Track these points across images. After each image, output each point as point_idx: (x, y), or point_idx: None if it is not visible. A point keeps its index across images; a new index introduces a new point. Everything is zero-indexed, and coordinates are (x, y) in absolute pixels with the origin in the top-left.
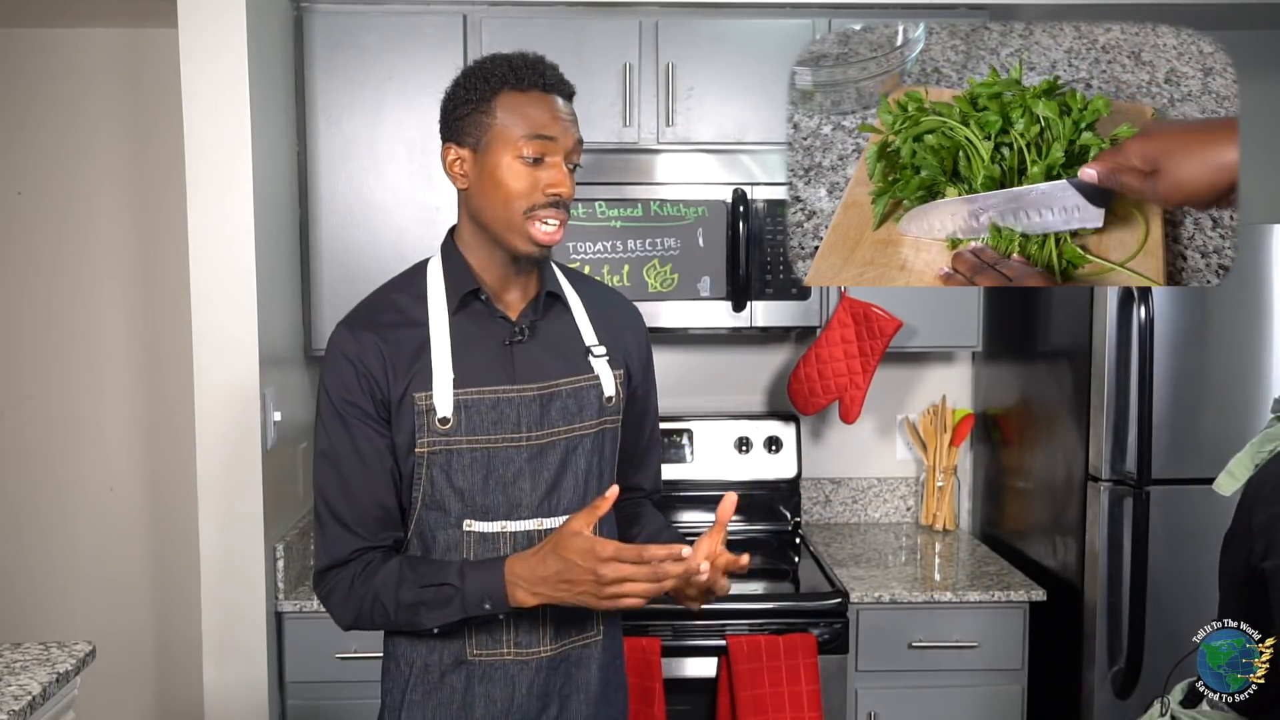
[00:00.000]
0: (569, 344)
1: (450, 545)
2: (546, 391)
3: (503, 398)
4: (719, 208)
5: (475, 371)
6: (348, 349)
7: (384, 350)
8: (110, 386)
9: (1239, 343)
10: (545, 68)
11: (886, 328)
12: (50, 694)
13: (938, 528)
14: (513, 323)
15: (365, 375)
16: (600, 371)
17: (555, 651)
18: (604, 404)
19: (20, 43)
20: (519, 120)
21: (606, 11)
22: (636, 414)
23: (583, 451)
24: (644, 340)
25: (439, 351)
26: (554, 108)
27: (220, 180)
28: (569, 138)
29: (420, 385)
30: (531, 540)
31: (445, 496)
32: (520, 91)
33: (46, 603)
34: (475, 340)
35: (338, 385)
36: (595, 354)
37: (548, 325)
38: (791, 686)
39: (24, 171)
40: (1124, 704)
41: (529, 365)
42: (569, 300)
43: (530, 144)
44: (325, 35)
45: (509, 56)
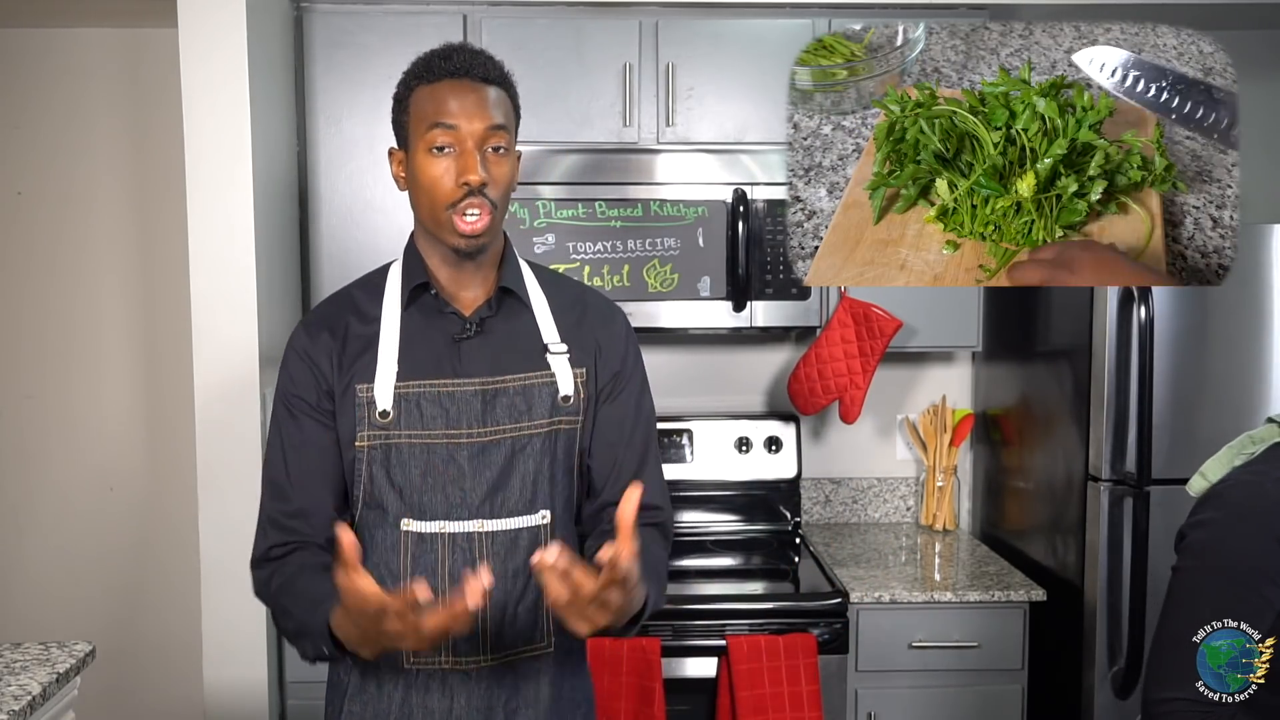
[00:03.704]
0: (524, 341)
1: (388, 546)
2: (491, 387)
3: (443, 391)
4: (719, 208)
5: (419, 366)
6: (300, 344)
7: (334, 346)
8: (110, 386)
9: (1239, 343)
10: (456, 53)
11: (886, 328)
12: (50, 694)
13: (938, 528)
14: (464, 318)
15: (313, 369)
16: (557, 369)
17: (497, 662)
18: (558, 403)
19: (20, 43)
20: (424, 112)
21: (606, 11)
22: (616, 416)
23: (531, 452)
24: (621, 339)
25: (385, 345)
26: (461, 94)
27: (220, 180)
28: (476, 122)
29: (363, 377)
30: (472, 543)
31: (384, 494)
32: (429, 84)
33: (46, 603)
34: (424, 335)
35: (285, 379)
36: (553, 351)
37: (503, 323)
38: (791, 686)
39: (24, 171)
40: (1124, 704)
41: (475, 360)
42: (529, 298)
43: (433, 134)
44: (325, 35)
45: (432, 50)
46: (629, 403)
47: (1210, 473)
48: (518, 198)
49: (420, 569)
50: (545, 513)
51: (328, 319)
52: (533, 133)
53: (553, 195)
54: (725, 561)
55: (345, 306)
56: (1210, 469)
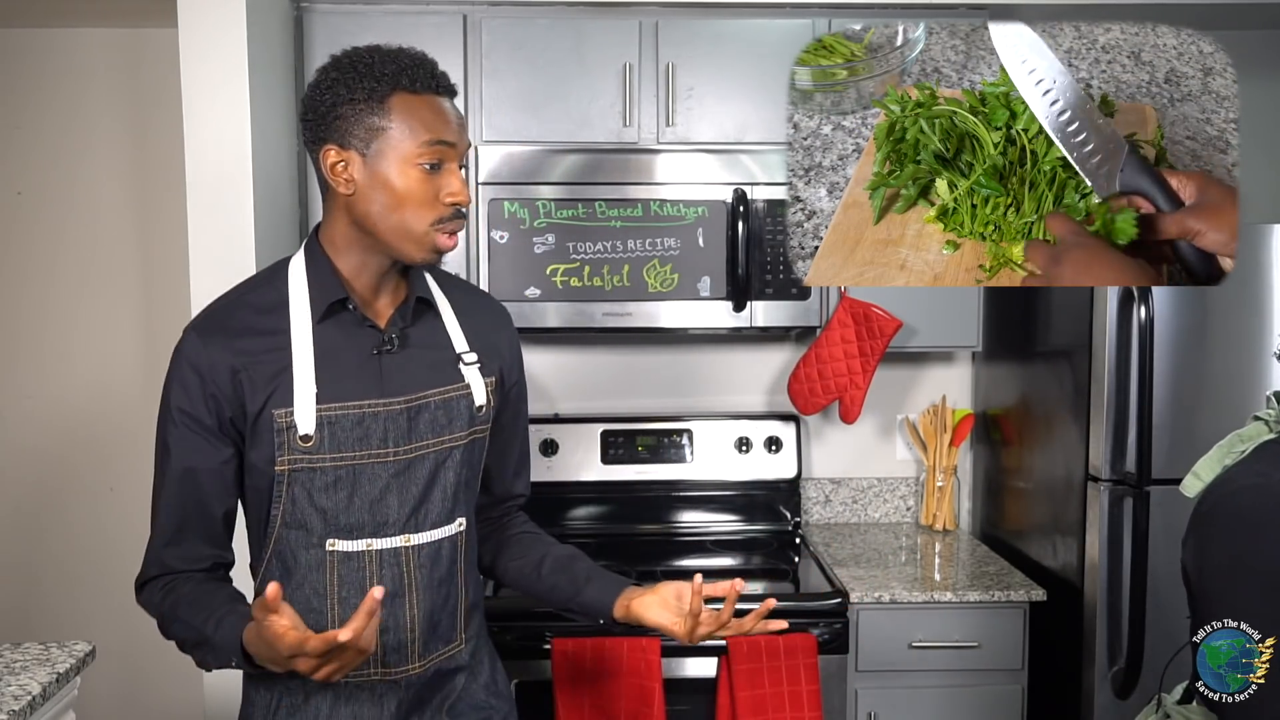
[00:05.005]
0: (439, 352)
1: (313, 565)
2: (415, 404)
3: (368, 412)
4: (719, 208)
5: (340, 386)
6: (196, 359)
7: (236, 363)
8: (110, 386)
9: (1239, 343)
10: (435, 68)
11: (886, 328)
12: (50, 694)
13: (938, 528)
14: (381, 331)
15: (211, 393)
16: (471, 380)
17: (424, 667)
18: (475, 413)
19: (20, 43)
20: (418, 125)
21: (606, 11)
22: (509, 419)
23: (452, 464)
24: (515, 343)
25: (301, 365)
26: (448, 111)
27: (220, 180)
28: (464, 142)
29: (280, 401)
30: (398, 557)
31: (307, 515)
32: (414, 94)
33: (46, 603)
34: (341, 352)
35: (179, 394)
36: (466, 361)
37: (417, 332)
38: (791, 686)
39: (24, 171)
40: (1124, 704)
41: (397, 377)
42: (439, 306)
43: (430, 150)
44: (325, 35)
45: (391, 53)
46: (521, 403)
47: (1204, 472)
48: (518, 197)
49: (348, 586)
50: (462, 520)
51: (225, 330)
52: (533, 133)
53: (552, 195)
54: (725, 562)
55: (246, 314)
56: (1203, 469)
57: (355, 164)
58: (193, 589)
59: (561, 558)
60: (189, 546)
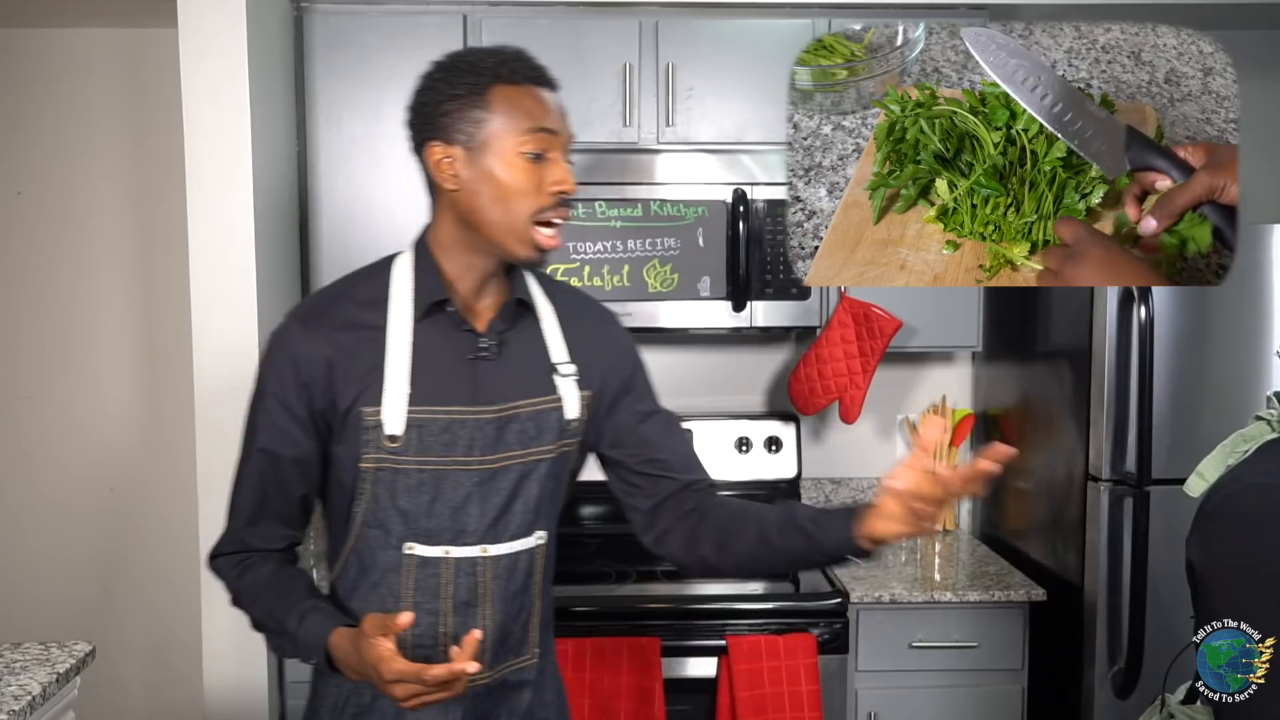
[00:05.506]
0: (535, 361)
1: (389, 567)
2: (505, 414)
3: (455, 419)
4: (719, 208)
5: (432, 389)
6: (293, 347)
7: (334, 357)
8: (110, 386)
9: (1239, 343)
10: (533, 61)
11: (886, 328)
12: (50, 694)
13: (938, 528)
14: (479, 335)
15: (304, 381)
16: (565, 392)
17: (491, 678)
18: (565, 427)
19: (20, 43)
20: (519, 114)
21: (606, 11)
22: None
23: (537, 477)
24: (626, 344)
25: (395, 366)
26: (548, 100)
27: (220, 180)
28: (566, 131)
29: (370, 400)
30: (474, 567)
31: (388, 515)
32: (513, 85)
33: (46, 603)
34: (437, 354)
35: (273, 380)
36: (561, 373)
37: (514, 338)
38: (791, 686)
39: (24, 171)
40: (1124, 704)
41: (490, 384)
42: (539, 311)
43: (533, 138)
44: (325, 35)
45: (491, 49)
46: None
47: (1207, 472)
48: None
49: (423, 592)
50: (542, 534)
51: (326, 321)
52: None
53: None
54: None
55: (347, 307)
56: (1207, 469)
57: (460, 159)
58: (270, 573)
59: (780, 517)
60: (266, 527)
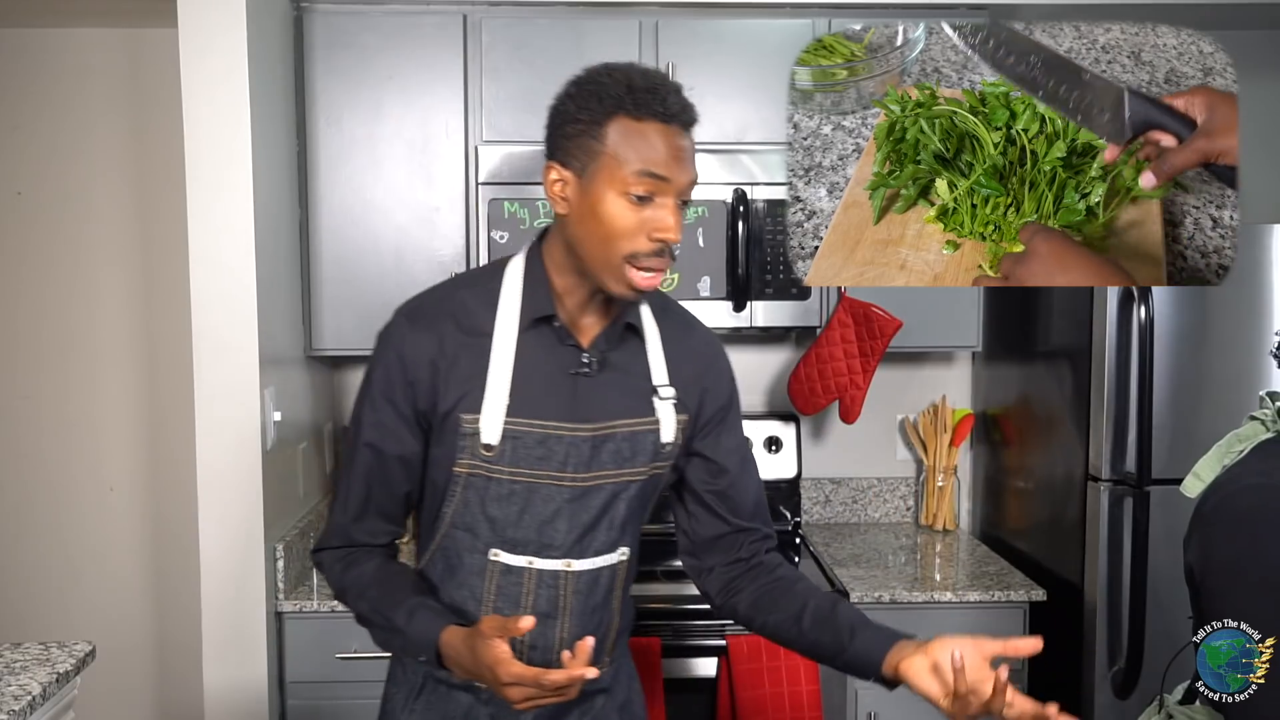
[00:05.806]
0: (635, 381)
1: (474, 570)
2: (601, 433)
3: (552, 434)
4: (719, 208)
5: (532, 402)
6: (401, 345)
7: (438, 359)
8: (110, 386)
9: (1239, 343)
10: (667, 92)
11: (886, 328)
12: (50, 694)
13: (938, 528)
14: (583, 350)
15: (410, 379)
16: (663, 415)
17: None
18: (659, 450)
19: (20, 43)
20: (631, 153)
21: (606, 11)
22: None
23: (626, 497)
24: (725, 375)
25: (497, 375)
26: (672, 141)
27: (220, 180)
28: (684, 177)
29: (470, 406)
30: (556, 580)
31: (476, 520)
32: (636, 119)
33: (46, 603)
34: (539, 367)
35: (382, 377)
36: (661, 395)
37: (617, 357)
38: (792, 687)
39: (23, 172)
40: (1124, 704)
41: (589, 402)
42: (645, 334)
43: (641, 182)
44: (325, 35)
45: (628, 73)
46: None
47: (1204, 473)
48: (518, 198)
49: (504, 599)
50: (625, 550)
51: (435, 322)
52: (533, 132)
53: None
54: None
55: (456, 310)
56: (1203, 469)
57: (571, 185)
58: (376, 570)
59: (822, 609)
60: (371, 522)
